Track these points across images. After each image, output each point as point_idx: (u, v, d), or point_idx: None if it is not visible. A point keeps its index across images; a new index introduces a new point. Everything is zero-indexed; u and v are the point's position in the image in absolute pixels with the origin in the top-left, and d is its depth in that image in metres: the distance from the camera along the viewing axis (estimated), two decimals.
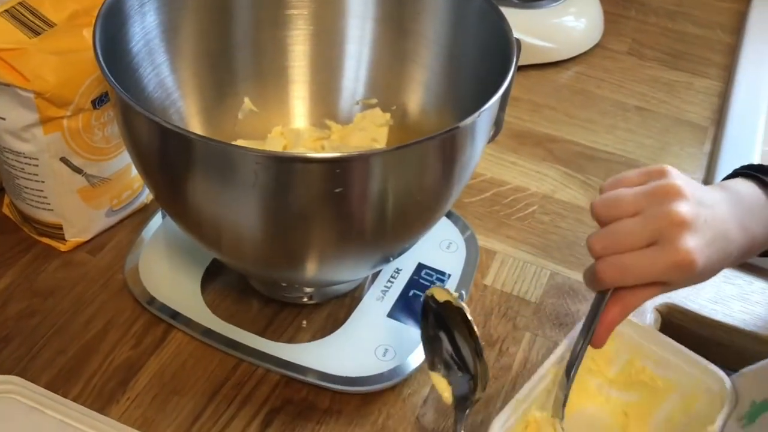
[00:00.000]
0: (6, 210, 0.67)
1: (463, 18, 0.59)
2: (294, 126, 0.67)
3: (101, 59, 0.46)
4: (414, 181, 0.49)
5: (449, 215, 0.70)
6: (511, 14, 0.91)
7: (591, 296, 0.66)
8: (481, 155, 0.55)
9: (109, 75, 0.46)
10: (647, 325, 0.56)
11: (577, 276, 0.69)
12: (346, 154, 0.45)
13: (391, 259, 0.59)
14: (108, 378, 0.57)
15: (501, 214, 0.74)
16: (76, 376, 0.57)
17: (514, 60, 0.51)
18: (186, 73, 0.61)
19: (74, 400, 0.55)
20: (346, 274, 0.59)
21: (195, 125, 0.63)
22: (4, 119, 0.58)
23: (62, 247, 0.65)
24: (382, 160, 0.45)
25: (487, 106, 0.47)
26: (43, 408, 0.53)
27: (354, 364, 0.57)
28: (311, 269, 0.55)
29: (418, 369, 0.59)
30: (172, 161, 0.48)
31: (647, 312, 0.66)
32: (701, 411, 0.52)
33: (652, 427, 0.55)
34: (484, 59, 0.58)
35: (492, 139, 0.65)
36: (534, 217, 0.75)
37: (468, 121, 0.46)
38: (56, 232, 0.64)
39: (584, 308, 0.65)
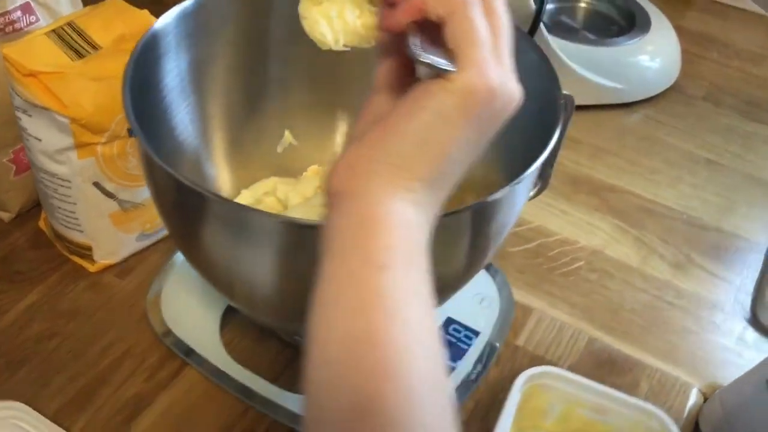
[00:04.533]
0: (42, 224, 0.68)
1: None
2: None
3: (129, 104, 0.45)
4: (437, 252, 0.46)
5: (487, 268, 0.67)
6: (584, 51, 0.89)
7: (632, 371, 0.62)
8: (515, 220, 0.52)
9: (134, 122, 0.44)
10: (579, 376, 0.55)
11: (619, 345, 0.65)
12: None
13: None
14: (116, 411, 0.56)
15: (544, 268, 0.71)
16: (85, 407, 0.56)
17: (560, 124, 0.48)
18: (219, 108, 0.60)
19: None
20: None
21: (233, 158, 0.62)
22: (40, 140, 0.58)
23: (91, 268, 0.65)
24: None
25: (518, 180, 0.44)
26: None
27: None
28: None
29: None
30: (189, 214, 0.46)
31: (691, 395, 0.61)
32: None
33: None
34: (535, 113, 0.54)
35: (537, 194, 0.62)
36: (579, 274, 0.71)
37: (497, 195, 0.43)
38: (86, 252, 0.64)
39: (621, 382, 0.61)
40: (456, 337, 0.61)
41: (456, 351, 0.60)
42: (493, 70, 0.35)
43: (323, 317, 0.33)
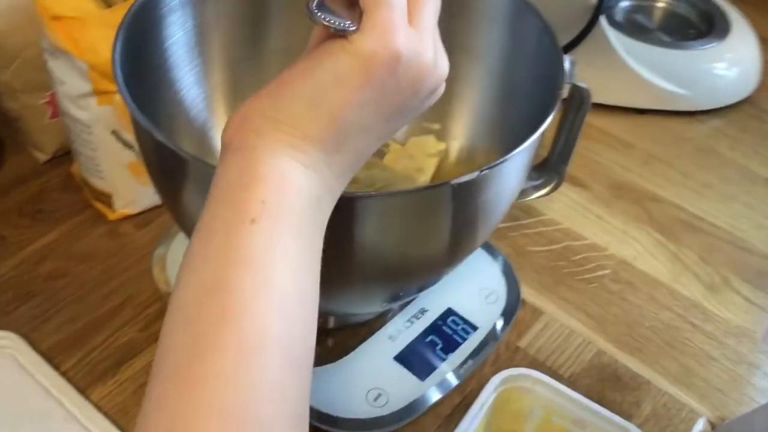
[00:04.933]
0: (74, 169, 0.70)
1: (521, 57, 0.54)
2: None
3: (118, 58, 0.46)
4: (414, 228, 0.45)
5: (502, 262, 0.65)
6: (654, 53, 0.84)
7: (637, 391, 0.59)
8: (506, 207, 0.49)
9: (120, 76, 0.45)
10: (560, 385, 0.53)
11: (627, 361, 0.61)
12: None
13: (401, 296, 0.55)
14: (106, 356, 0.57)
15: (564, 272, 0.68)
16: (78, 347, 0.57)
17: (552, 113, 0.45)
18: (224, 74, 0.59)
19: (67, 371, 0.56)
20: (342, 308, 0.56)
21: None
22: (64, 83, 0.60)
23: (111, 216, 0.66)
24: (363, 205, 0.41)
25: (487, 167, 0.42)
26: (35, 372, 0.55)
27: (341, 402, 0.54)
28: None
29: (410, 423, 0.55)
30: (170, 175, 0.46)
31: (698, 424, 0.58)
32: None
33: None
34: (543, 102, 0.52)
35: (552, 190, 0.60)
36: (601, 283, 0.67)
37: (463, 179, 0.41)
38: (107, 199, 0.66)
39: (621, 400, 0.58)
40: (453, 329, 0.60)
41: (450, 343, 0.59)
42: (402, 36, 0.33)
43: (187, 262, 0.33)
